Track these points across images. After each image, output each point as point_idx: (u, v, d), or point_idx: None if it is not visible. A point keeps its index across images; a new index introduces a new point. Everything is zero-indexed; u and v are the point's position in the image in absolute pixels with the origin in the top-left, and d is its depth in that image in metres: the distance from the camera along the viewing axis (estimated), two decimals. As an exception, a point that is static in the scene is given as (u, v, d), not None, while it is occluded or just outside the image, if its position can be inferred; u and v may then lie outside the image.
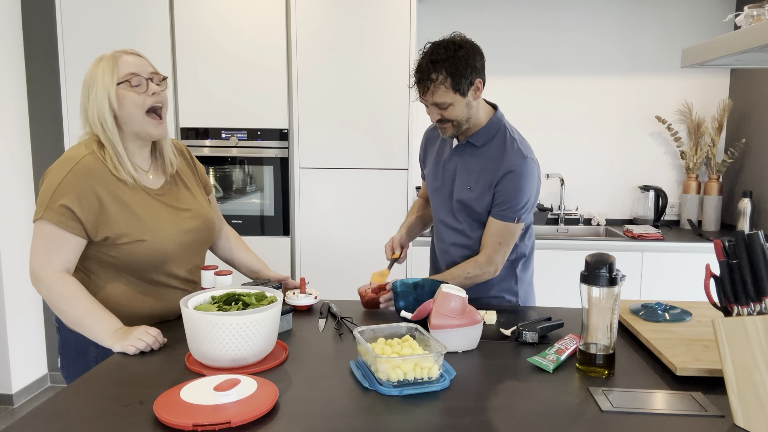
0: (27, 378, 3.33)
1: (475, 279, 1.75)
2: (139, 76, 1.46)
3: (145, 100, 1.46)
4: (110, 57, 1.46)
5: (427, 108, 1.70)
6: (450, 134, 1.73)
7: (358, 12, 2.85)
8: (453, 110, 1.65)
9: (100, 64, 1.46)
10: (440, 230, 1.88)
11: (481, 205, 1.74)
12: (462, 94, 1.63)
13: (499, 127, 1.75)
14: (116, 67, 1.45)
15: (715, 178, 3.20)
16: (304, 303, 1.67)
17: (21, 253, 3.22)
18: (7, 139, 3.16)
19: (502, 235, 1.73)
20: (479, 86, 1.66)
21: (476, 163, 1.74)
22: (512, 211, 1.71)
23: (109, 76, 1.44)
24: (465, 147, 1.77)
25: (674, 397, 1.13)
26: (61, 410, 1.08)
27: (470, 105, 1.67)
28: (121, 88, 1.45)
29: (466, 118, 1.69)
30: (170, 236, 1.51)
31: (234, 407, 1.03)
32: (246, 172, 3.02)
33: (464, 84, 1.61)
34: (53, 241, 1.40)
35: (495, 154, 1.72)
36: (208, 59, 2.93)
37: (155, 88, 1.48)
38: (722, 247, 1.10)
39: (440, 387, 1.16)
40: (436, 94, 1.63)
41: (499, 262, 1.76)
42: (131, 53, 1.49)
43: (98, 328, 1.38)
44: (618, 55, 3.33)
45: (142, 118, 1.47)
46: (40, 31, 3.25)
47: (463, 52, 1.60)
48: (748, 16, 1.63)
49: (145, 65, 1.49)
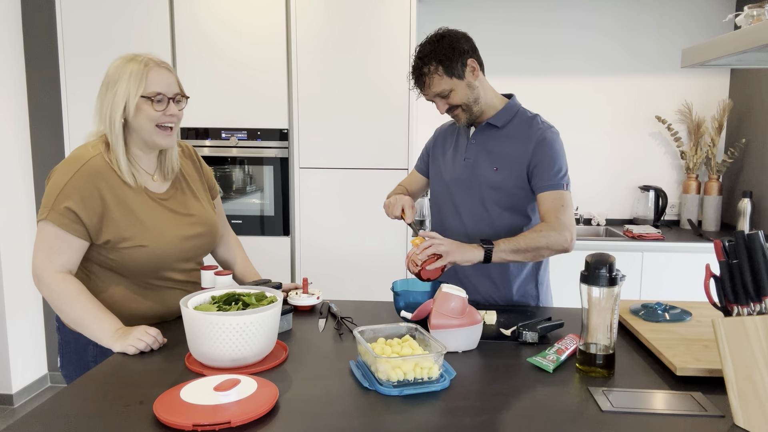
0: (27, 378, 3.33)
1: (550, 240, 1.59)
2: (164, 97, 1.45)
3: (161, 117, 1.46)
4: (142, 64, 1.43)
5: (435, 103, 1.71)
6: (464, 120, 1.74)
7: (358, 12, 2.85)
8: (456, 95, 1.67)
9: (128, 66, 1.43)
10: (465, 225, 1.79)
11: (511, 183, 1.71)
12: (459, 77, 1.66)
13: (518, 108, 1.78)
14: (146, 79, 1.43)
15: (715, 178, 3.20)
16: (306, 303, 1.67)
17: (21, 253, 3.22)
18: (7, 139, 3.16)
19: (559, 200, 1.64)
20: (474, 66, 1.68)
21: (500, 144, 1.74)
22: (557, 179, 1.66)
23: (135, 85, 1.42)
24: (485, 130, 1.77)
25: (674, 397, 1.13)
26: (61, 410, 1.08)
27: (472, 86, 1.68)
28: (143, 102, 1.44)
29: (474, 99, 1.70)
30: (171, 242, 1.51)
31: (234, 407, 1.03)
32: (246, 172, 3.02)
33: (457, 67, 1.64)
34: (56, 243, 1.40)
35: (519, 130, 1.73)
36: (207, 59, 2.93)
37: (174, 110, 1.47)
38: (722, 247, 1.10)
39: (440, 387, 1.16)
40: (433, 85, 1.66)
41: (569, 226, 1.62)
42: (164, 67, 1.47)
43: (98, 328, 1.38)
44: (618, 55, 3.33)
45: (152, 129, 1.46)
46: (40, 31, 3.25)
47: (446, 40, 1.65)
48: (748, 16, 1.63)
49: (172, 84, 1.47)
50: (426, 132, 3.14)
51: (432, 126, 2.11)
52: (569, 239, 1.61)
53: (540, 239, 1.59)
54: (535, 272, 1.80)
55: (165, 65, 1.48)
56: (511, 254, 1.58)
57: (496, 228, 1.75)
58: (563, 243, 1.60)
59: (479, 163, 1.76)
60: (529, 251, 1.59)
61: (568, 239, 1.61)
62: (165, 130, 1.48)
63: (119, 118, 1.44)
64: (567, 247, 1.62)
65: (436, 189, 1.91)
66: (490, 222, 1.76)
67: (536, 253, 1.61)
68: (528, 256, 1.61)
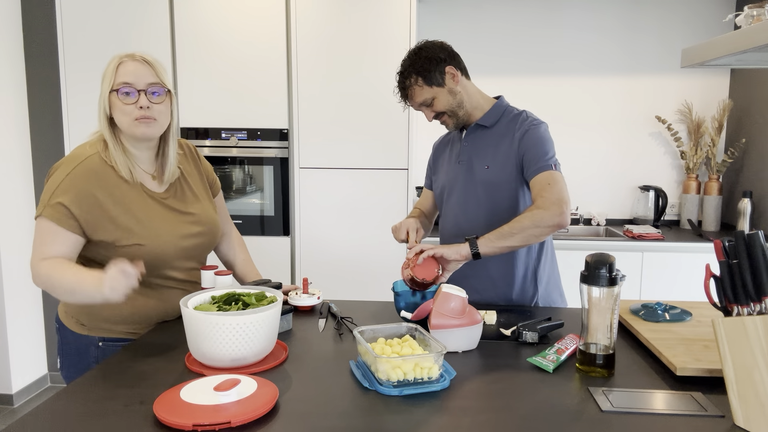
0: (27, 378, 3.33)
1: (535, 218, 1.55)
2: (131, 87, 1.42)
3: (132, 110, 1.43)
4: (116, 60, 1.45)
5: (422, 112, 1.79)
6: (452, 125, 1.80)
7: (358, 12, 2.85)
8: (439, 102, 1.73)
9: (109, 63, 1.46)
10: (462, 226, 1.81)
11: (503, 179, 1.74)
12: (439, 85, 1.71)
13: (506, 107, 1.82)
14: (115, 73, 1.43)
15: (715, 178, 3.20)
16: (307, 303, 1.67)
17: (21, 253, 3.22)
18: (7, 139, 3.16)
19: (545, 180, 1.63)
20: (453, 72, 1.72)
21: (489, 143, 1.78)
22: (543, 161, 1.65)
23: (108, 81, 1.44)
24: (475, 131, 1.81)
25: (674, 397, 1.13)
26: (61, 410, 1.08)
27: (453, 91, 1.74)
28: (113, 96, 1.44)
29: (457, 104, 1.75)
30: (170, 241, 1.51)
31: (234, 407, 1.03)
32: (246, 172, 3.02)
33: (435, 76, 1.70)
34: (48, 236, 1.40)
35: (507, 127, 1.77)
36: (207, 59, 2.93)
37: (145, 101, 1.43)
38: (722, 247, 1.10)
39: (440, 387, 1.16)
40: (416, 96, 1.74)
41: (557, 201, 1.57)
42: (137, 60, 1.45)
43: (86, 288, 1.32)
44: (618, 55, 3.33)
45: (130, 122, 1.44)
46: (40, 31, 3.25)
47: (423, 51, 1.72)
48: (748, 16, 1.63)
49: (144, 75, 1.44)
50: (426, 132, 3.15)
51: (432, 126, 2.11)
52: (558, 213, 1.55)
53: (523, 219, 1.56)
54: (534, 270, 1.81)
55: (139, 58, 1.45)
56: (497, 240, 1.55)
57: (494, 226, 1.74)
58: (552, 218, 1.55)
59: (472, 163, 1.80)
60: (515, 233, 1.55)
61: (556, 213, 1.55)
62: (143, 121, 1.44)
63: (104, 116, 1.45)
64: (559, 222, 1.56)
65: (435, 194, 1.95)
66: (487, 219, 1.76)
67: (525, 234, 1.56)
68: (517, 239, 1.56)
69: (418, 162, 2.90)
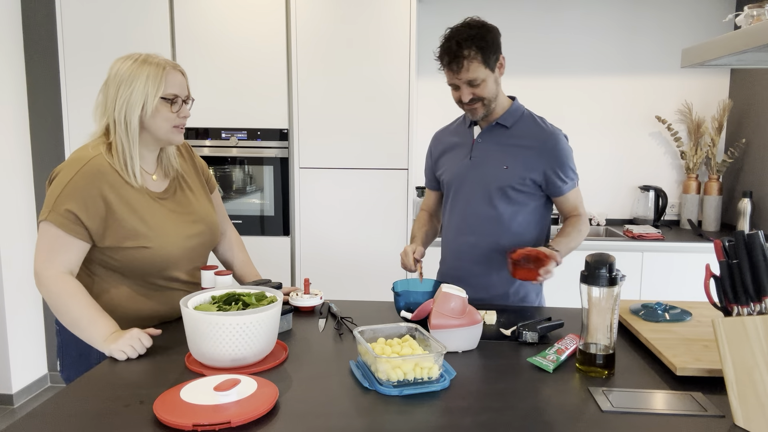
0: (27, 378, 3.33)
1: (585, 232, 1.80)
2: (179, 98, 1.50)
3: (174, 118, 1.50)
4: (160, 66, 1.46)
5: (459, 90, 1.71)
6: (480, 114, 1.75)
7: (359, 12, 2.85)
8: (485, 87, 1.70)
9: (144, 67, 1.45)
10: (470, 224, 1.81)
11: (519, 180, 1.75)
12: (491, 70, 1.69)
13: (523, 110, 1.83)
14: (165, 80, 1.46)
15: (715, 178, 3.20)
16: (308, 304, 1.67)
17: (21, 253, 3.22)
18: (7, 139, 3.16)
19: (578, 195, 1.83)
20: (503, 62, 1.73)
21: (509, 143, 1.78)
22: (572, 175, 1.79)
23: (154, 86, 1.44)
24: (494, 129, 1.80)
25: (674, 397, 1.13)
26: (61, 410, 1.08)
27: (497, 82, 1.74)
28: (162, 103, 1.46)
29: (495, 96, 1.74)
30: (175, 242, 1.51)
31: (234, 407, 1.03)
32: (246, 172, 3.02)
33: (492, 59, 1.69)
34: (57, 243, 1.40)
35: (528, 130, 1.78)
36: (207, 59, 2.93)
37: (186, 111, 1.53)
38: (722, 247, 1.10)
39: (440, 387, 1.16)
40: (470, 70, 1.66)
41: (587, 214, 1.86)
42: (180, 70, 1.52)
43: (93, 330, 1.37)
44: (618, 55, 3.33)
45: (169, 129, 1.50)
46: (40, 31, 3.25)
47: (488, 29, 1.70)
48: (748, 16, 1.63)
49: (185, 86, 1.53)
50: (426, 132, 3.14)
51: (432, 127, 2.11)
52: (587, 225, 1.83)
53: (583, 233, 1.78)
54: None
55: (180, 68, 1.53)
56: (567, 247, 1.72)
57: (499, 225, 1.78)
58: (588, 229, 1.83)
59: (488, 161, 1.78)
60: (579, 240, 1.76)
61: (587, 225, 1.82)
62: (179, 130, 1.53)
63: (136, 119, 1.45)
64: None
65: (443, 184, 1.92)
66: (496, 219, 1.78)
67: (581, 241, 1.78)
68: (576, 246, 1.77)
69: (418, 162, 2.91)
